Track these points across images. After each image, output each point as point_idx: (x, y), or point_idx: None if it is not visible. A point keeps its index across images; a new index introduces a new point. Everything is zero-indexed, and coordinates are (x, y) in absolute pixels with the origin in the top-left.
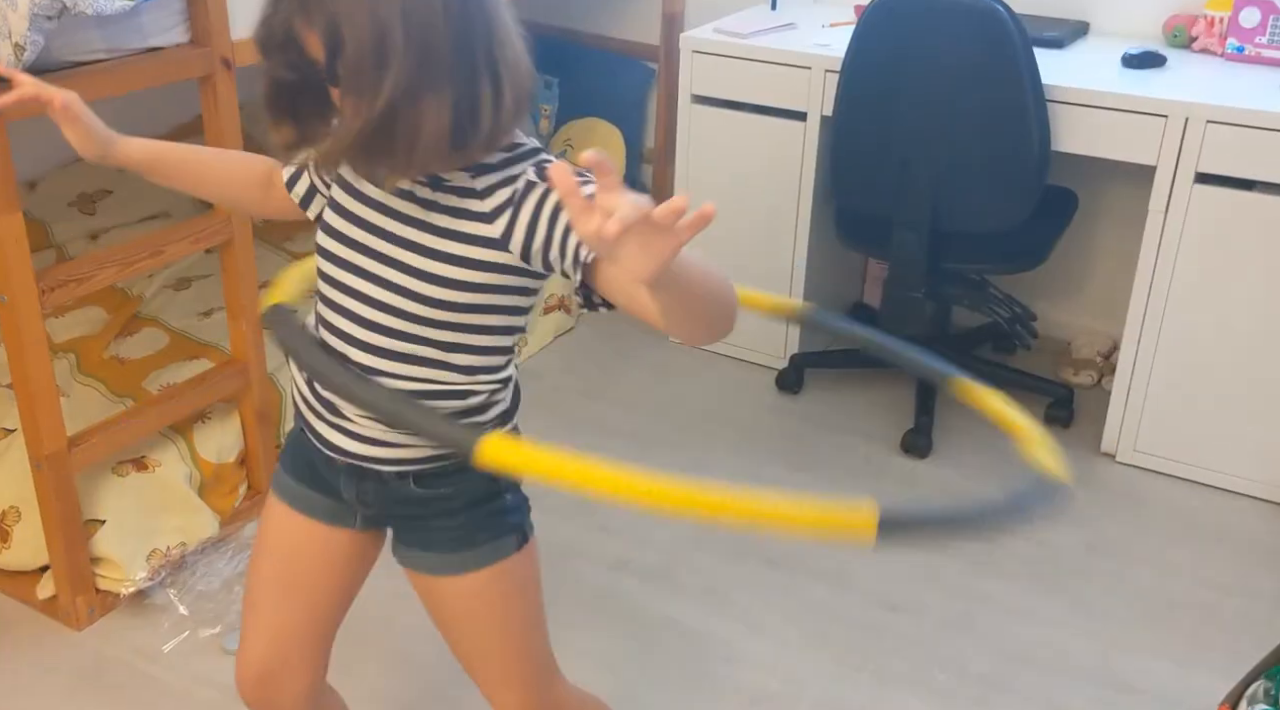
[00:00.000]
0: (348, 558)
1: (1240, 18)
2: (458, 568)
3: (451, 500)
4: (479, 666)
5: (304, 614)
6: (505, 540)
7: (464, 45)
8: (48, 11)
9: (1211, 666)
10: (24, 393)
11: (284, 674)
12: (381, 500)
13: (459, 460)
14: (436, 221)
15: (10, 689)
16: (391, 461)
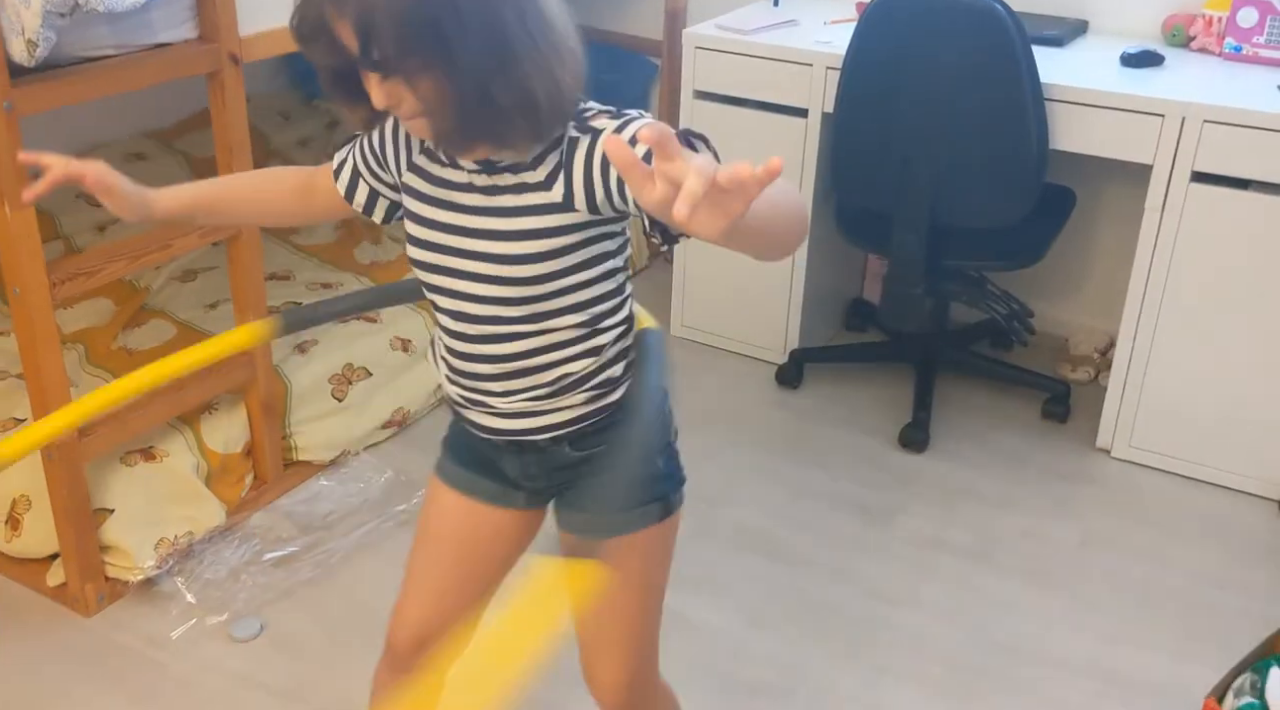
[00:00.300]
0: (510, 536)
1: (1238, 17)
2: (603, 530)
3: (606, 457)
4: (591, 637)
5: (466, 590)
6: (652, 507)
7: (506, 15)
8: (60, 9)
9: (1204, 659)
10: (35, 383)
11: (435, 639)
12: (544, 471)
13: (608, 414)
14: (504, 203)
15: (21, 674)
16: (542, 429)
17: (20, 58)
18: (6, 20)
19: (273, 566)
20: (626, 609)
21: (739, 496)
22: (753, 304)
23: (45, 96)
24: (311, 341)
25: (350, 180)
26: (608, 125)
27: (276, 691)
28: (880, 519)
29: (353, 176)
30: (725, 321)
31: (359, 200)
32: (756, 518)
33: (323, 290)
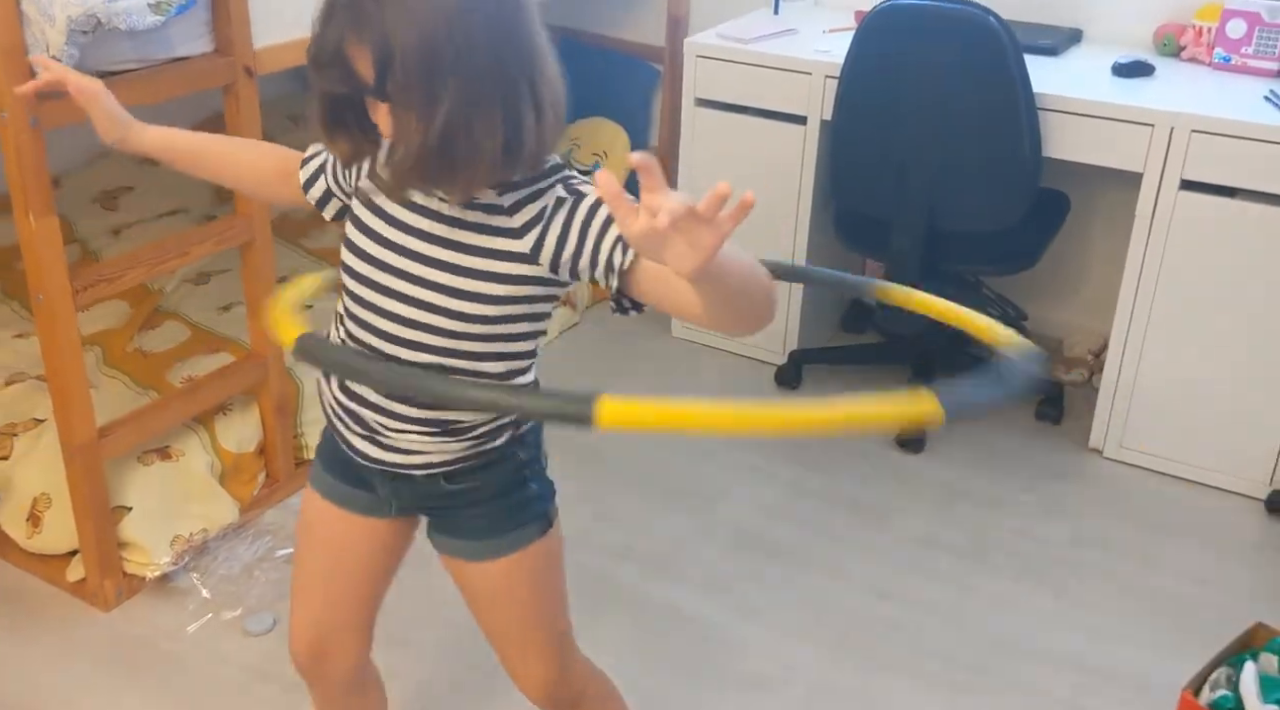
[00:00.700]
0: (385, 544)
1: (1227, 28)
2: (487, 554)
3: (480, 491)
4: (506, 642)
5: (350, 595)
6: (531, 527)
7: (506, 63)
8: (83, 26)
9: (1189, 655)
10: (57, 385)
11: (334, 648)
12: (415, 496)
13: (486, 457)
14: (464, 239)
15: (41, 667)
16: (422, 466)
17: None
18: (32, 38)
19: (285, 562)
20: (528, 615)
21: (737, 495)
22: None
23: (69, 111)
24: None
25: (314, 172)
26: (593, 193)
27: (289, 684)
28: (877, 518)
29: (317, 170)
30: None
31: (314, 194)
32: (754, 516)
33: (331, 294)
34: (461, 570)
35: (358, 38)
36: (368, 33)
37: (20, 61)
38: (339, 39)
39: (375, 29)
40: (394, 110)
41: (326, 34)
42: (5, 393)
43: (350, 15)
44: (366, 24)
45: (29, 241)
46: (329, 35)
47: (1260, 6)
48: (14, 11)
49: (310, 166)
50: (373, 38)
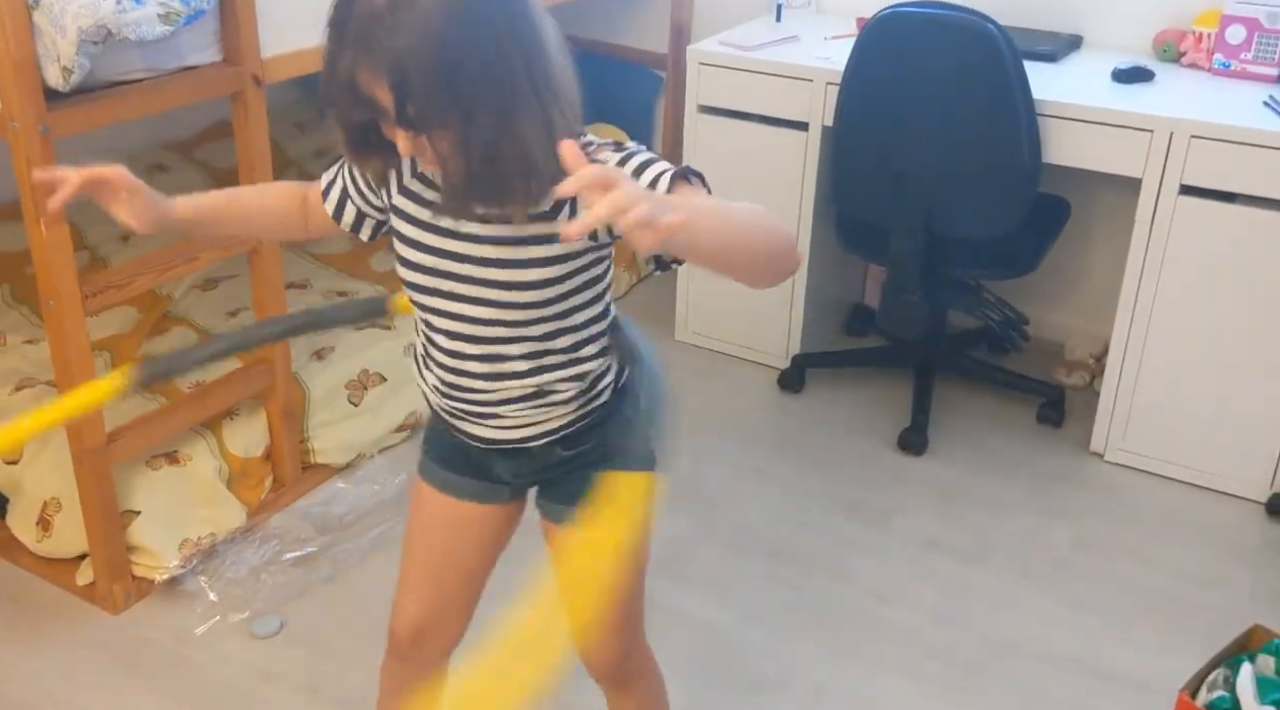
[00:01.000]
0: (496, 530)
1: (1226, 34)
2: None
3: (593, 453)
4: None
5: (459, 582)
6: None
7: (525, 65)
8: (94, 37)
9: (1188, 656)
10: (67, 390)
11: (437, 630)
12: (532, 468)
13: (595, 416)
14: (506, 233)
15: (51, 669)
16: (536, 437)
17: (56, 83)
18: (43, 48)
19: (292, 566)
20: (620, 585)
21: (741, 497)
22: (756, 310)
23: (79, 119)
24: (328, 348)
25: (339, 200)
26: (610, 158)
27: (295, 686)
28: (878, 520)
29: (341, 197)
30: (729, 327)
31: (346, 220)
32: (758, 518)
33: (339, 299)
34: (566, 535)
35: (370, 69)
36: (381, 61)
37: (32, 72)
38: (351, 76)
39: (387, 57)
40: (432, 137)
41: (337, 75)
42: (15, 397)
43: (362, 48)
44: (380, 54)
45: (40, 248)
46: (340, 75)
47: (1260, 12)
48: (26, 23)
49: (333, 195)
50: (385, 66)
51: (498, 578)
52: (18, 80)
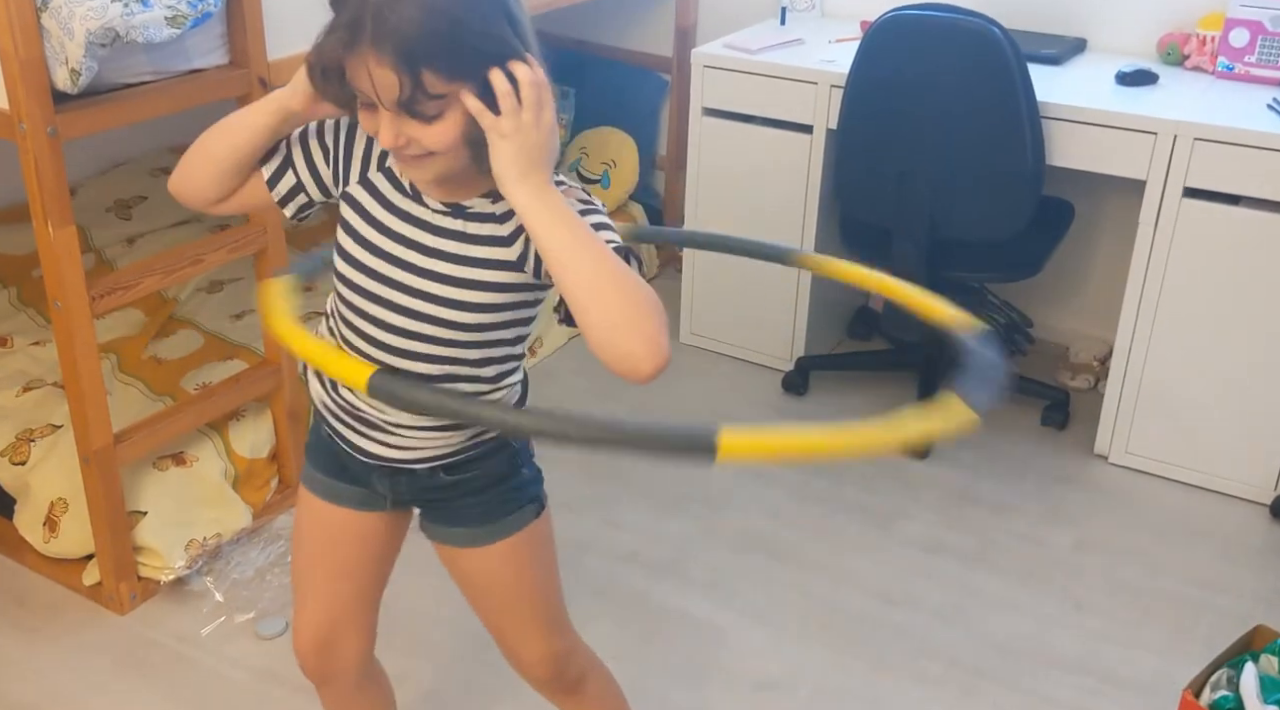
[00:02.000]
0: (381, 537)
1: (1230, 37)
2: (483, 540)
3: (476, 481)
4: (504, 625)
5: (350, 590)
6: (525, 511)
7: (513, 29)
8: (101, 40)
9: (1191, 657)
10: (74, 392)
11: (339, 644)
12: (413, 489)
13: (483, 447)
14: (453, 249)
15: (58, 669)
16: (424, 459)
17: (64, 86)
18: (51, 50)
19: None
20: (525, 596)
21: (744, 500)
22: (760, 313)
23: (86, 122)
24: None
25: (279, 167)
26: (573, 206)
27: (300, 687)
28: (882, 522)
29: (283, 163)
30: (733, 330)
31: (280, 189)
32: (761, 520)
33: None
34: (458, 558)
35: (376, 53)
36: (386, 48)
37: (40, 74)
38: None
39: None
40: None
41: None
42: (23, 399)
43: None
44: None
45: (48, 250)
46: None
47: (1264, 15)
48: (34, 26)
49: (274, 161)
50: (391, 51)
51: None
52: (26, 82)
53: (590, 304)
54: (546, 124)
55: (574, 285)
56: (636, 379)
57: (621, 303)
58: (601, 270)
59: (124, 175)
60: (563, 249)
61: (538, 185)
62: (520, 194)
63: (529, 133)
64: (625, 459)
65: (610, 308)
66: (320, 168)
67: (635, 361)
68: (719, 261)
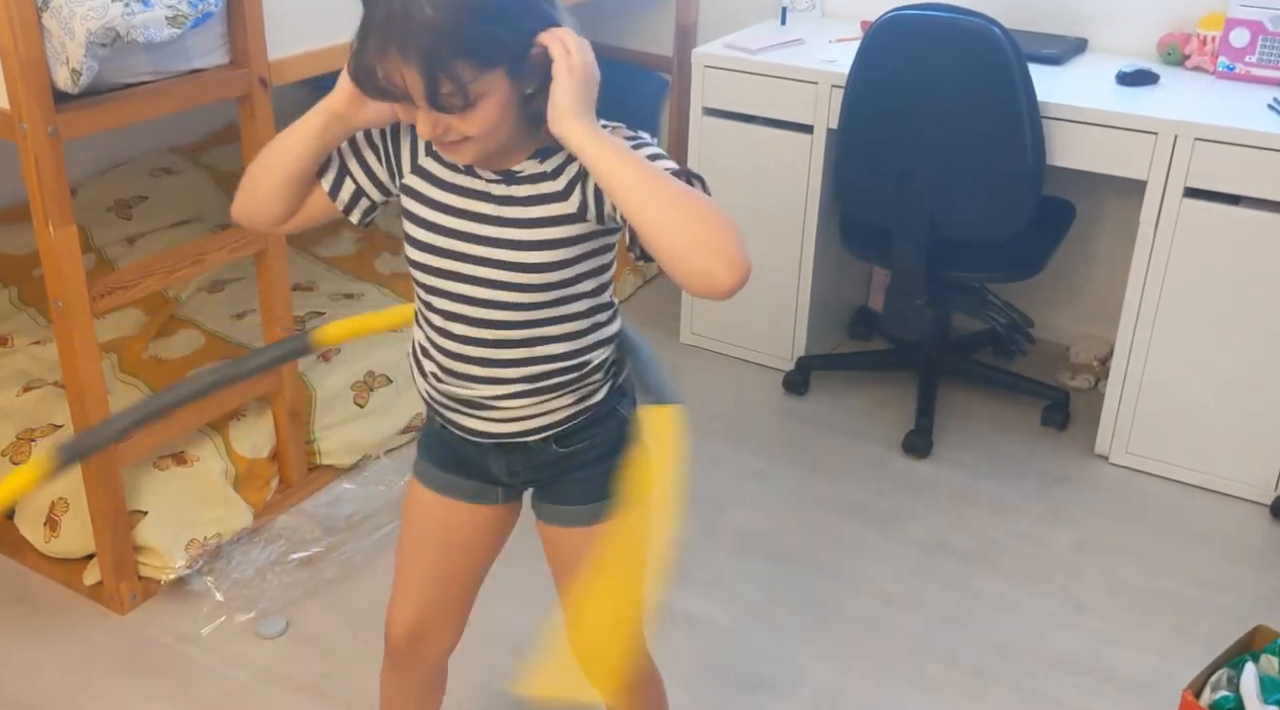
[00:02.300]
0: (490, 531)
1: (1231, 37)
2: (593, 518)
3: (589, 452)
4: (589, 611)
5: (454, 581)
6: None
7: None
8: (102, 40)
9: (1191, 658)
10: (75, 391)
11: (433, 633)
12: (528, 466)
13: (592, 413)
14: (517, 214)
15: (58, 669)
16: (531, 431)
17: (65, 85)
18: (52, 50)
19: (298, 566)
20: (620, 585)
21: (745, 500)
22: (761, 312)
23: (87, 121)
24: (334, 350)
25: (336, 177)
26: (624, 141)
27: (301, 686)
28: (883, 522)
29: (339, 173)
30: (733, 329)
31: (342, 197)
32: (762, 520)
33: (345, 300)
34: (562, 537)
35: (402, 57)
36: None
37: (40, 74)
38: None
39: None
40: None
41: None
42: (23, 398)
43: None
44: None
45: (48, 250)
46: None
47: (1264, 15)
48: (35, 25)
49: (330, 173)
50: (416, 55)
51: (501, 579)
52: (26, 82)
53: (661, 229)
54: (594, 67)
55: (642, 213)
56: (717, 295)
57: (691, 222)
58: (667, 195)
59: (125, 175)
60: (626, 178)
61: (593, 124)
62: (580, 129)
63: (588, 70)
64: None
65: (682, 229)
66: (375, 169)
67: (714, 278)
68: None
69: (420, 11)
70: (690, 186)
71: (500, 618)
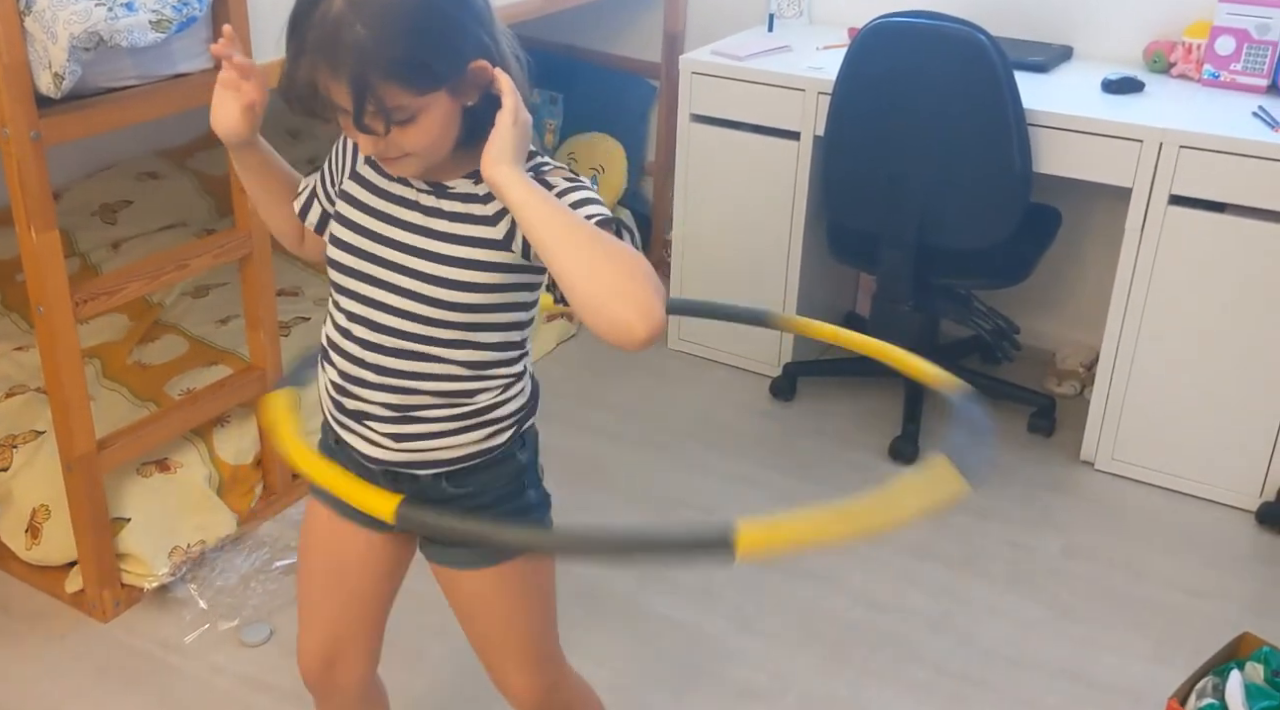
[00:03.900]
0: (388, 554)
1: (1216, 45)
2: (482, 561)
3: (480, 497)
4: (494, 652)
5: (355, 607)
6: None
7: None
8: (85, 44)
9: (1177, 664)
10: (57, 398)
11: (343, 661)
12: (416, 500)
13: (488, 455)
14: (442, 227)
15: (40, 677)
16: (427, 463)
17: (47, 90)
18: (35, 54)
19: (282, 574)
20: (519, 625)
21: (731, 506)
22: None
23: (71, 126)
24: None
25: (306, 201)
26: (559, 183)
27: (284, 694)
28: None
29: (309, 198)
30: (720, 334)
31: (311, 220)
32: None
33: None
34: (454, 580)
35: (332, 74)
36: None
37: (23, 79)
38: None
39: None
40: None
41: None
42: (5, 404)
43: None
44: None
45: (30, 254)
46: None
47: (1249, 24)
48: (17, 29)
49: (302, 196)
50: (346, 73)
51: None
52: (9, 86)
53: (577, 277)
54: (530, 121)
55: (558, 259)
56: (631, 345)
57: (606, 272)
58: (585, 243)
59: (109, 179)
60: (545, 225)
61: (522, 171)
62: (511, 174)
63: (528, 125)
64: (612, 465)
65: (597, 278)
66: (330, 187)
67: (629, 329)
68: (706, 267)
69: (352, 33)
70: (614, 236)
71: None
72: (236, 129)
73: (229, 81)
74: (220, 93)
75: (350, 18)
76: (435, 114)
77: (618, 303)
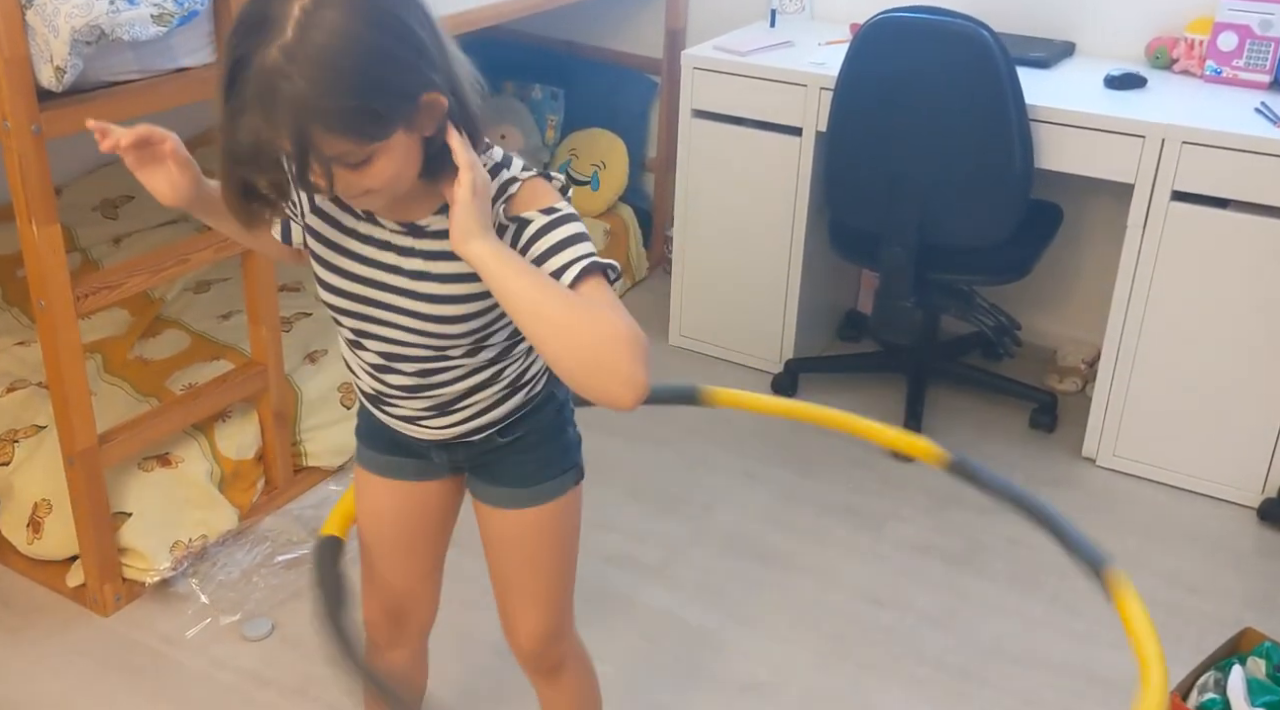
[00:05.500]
0: (441, 503)
1: (1218, 41)
2: (527, 501)
3: (528, 437)
4: (513, 589)
5: (418, 557)
6: (567, 476)
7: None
8: (87, 37)
9: (1179, 660)
10: (58, 392)
11: (410, 609)
12: (469, 456)
13: (533, 402)
14: (425, 268)
15: (42, 671)
16: (477, 430)
17: (49, 83)
18: (36, 48)
19: (283, 568)
20: (548, 566)
21: (733, 501)
22: (749, 314)
23: (72, 120)
24: (321, 351)
25: (283, 226)
26: (537, 219)
27: (286, 689)
28: (870, 524)
29: (284, 223)
30: (722, 331)
31: (296, 239)
32: (750, 522)
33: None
34: (495, 517)
35: (272, 129)
36: (281, 124)
37: (25, 72)
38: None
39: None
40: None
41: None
42: (7, 399)
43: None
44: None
45: (32, 249)
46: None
47: (1252, 19)
48: (19, 23)
49: (276, 226)
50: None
51: (483, 583)
52: (10, 80)
53: (559, 351)
54: (489, 181)
55: (538, 335)
56: (620, 409)
57: (588, 345)
58: (558, 319)
59: (111, 175)
60: (521, 298)
61: (493, 241)
62: (483, 251)
63: (487, 188)
64: (613, 461)
65: (577, 353)
66: (296, 212)
67: (613, 399)
68: (709, 262)
69: (290, 86)
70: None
71: (477, 620)
72: (180, 187)
73: (140, 159)
74: (141, 173)
75: (287, 68)
76: (393, 152)
77: (600, 376)
